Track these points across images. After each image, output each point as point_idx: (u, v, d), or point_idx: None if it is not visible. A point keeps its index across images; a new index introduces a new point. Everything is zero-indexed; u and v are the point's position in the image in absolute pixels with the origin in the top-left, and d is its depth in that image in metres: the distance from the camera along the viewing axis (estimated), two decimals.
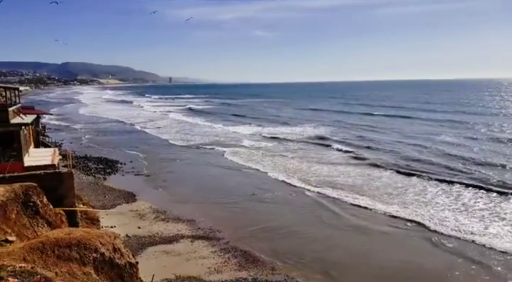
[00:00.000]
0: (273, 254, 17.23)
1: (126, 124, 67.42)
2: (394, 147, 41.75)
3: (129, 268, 11.26)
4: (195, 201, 24.77)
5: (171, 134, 54.02)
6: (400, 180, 28.83)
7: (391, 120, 66.76)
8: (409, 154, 37.78)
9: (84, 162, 34.99)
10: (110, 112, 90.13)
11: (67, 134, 53.95)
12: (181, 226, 20.47)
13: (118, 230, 18.59)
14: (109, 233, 12.13)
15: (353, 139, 47.48)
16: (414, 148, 40.72)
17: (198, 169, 33.77)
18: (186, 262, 16.47)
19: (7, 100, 20.87)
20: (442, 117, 69.00)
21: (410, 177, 29.42)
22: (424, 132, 51.50)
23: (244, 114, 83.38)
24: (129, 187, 27.38)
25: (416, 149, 40.30)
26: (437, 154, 37.21)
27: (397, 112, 79.00)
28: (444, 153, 37.60)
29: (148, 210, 22.86)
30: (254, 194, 26.21)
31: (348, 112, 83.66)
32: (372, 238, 18.98)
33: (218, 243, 18.32)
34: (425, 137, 47.68)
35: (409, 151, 39.31)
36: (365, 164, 34.36)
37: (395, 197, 24.76)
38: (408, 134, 50.46)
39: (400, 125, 59.90)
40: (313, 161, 35.99)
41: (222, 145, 44.42)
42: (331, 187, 27.00)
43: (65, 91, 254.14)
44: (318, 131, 55.24)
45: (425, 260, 16.67)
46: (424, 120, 64.90)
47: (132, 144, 46.08)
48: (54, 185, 16.61)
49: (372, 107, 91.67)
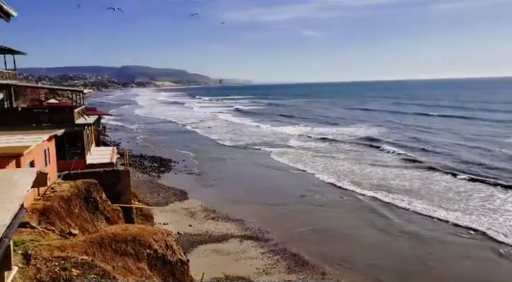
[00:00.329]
0: (323, 258, 16.82)
1: (178, 125, 69.82)
2: (453, 149, 39.19)
3: (180, 266, 11.53)
4: (244, 200, 24.93)
5: (219, 135, 55.04)
6: (462, 185, 26.92)
7: (449, 121, 62.77)
8: (470, 157, 35.18)
9: (140, 161, 36.70)
10: (163, 113, 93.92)
11: (124, 134, 56.99)
12: (231, 225, 20.69)
13: (170, 227, 19.22)
14: (162, 230, 12.54)
15: (408, 140, 45.26)
16: (476, 151, 37.92)
17: (246, 169, 34.05)
18: (235, 262, 16.58)
19: (73, 102, 22.45)
20: (506, 117, 63.60)
21: (474, 182, 27.34)
22: (487, 134, 47.76)
23: (291, 114, 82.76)
24: (181, 185, 28.24)
25: (478, 152, 37.46)
26: (503, 159, 34.24)
27: (454, 112, 74.19)
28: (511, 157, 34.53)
29: (199, 208, 23.39)
30: (304, 195, 25.83)
31: (402, 112, 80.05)
32: (431, 247, 17.84)
33: (267, 244, 18.25)
34: (488, 139, 44.20)
35: (470, 154, 36.65)
36: (422, 166, 32.51)
37: (457, 203, 23.12)
38: (468, 136, 47.04)
39: (459, 126, 56.12)
40: (366, 163, 34.75)
41: (270, 146, 44.45)
42: (385, 191, 25.85)
43: (123, 93, 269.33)
44: (371, 132, 53.33)
45: (491, 274, 15.35)
46: (486, 121, 60.25)
47: (184, 143, 47.51)
48: (112, 182, 17.57)
49: (428, 107, 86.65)
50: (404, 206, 22.96)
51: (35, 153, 13.07)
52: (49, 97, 49.99)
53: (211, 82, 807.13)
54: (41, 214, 11.49)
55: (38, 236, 9.66)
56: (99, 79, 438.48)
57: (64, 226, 11.62)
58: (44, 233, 10.07)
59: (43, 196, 13.02)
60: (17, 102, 23.38)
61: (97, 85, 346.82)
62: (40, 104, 25.02)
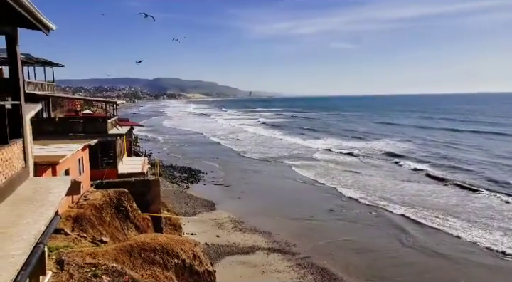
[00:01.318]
0: (350, 273, 16.39)
1: (205, 137, 70.47)
2: (486, 167, 37.31)
3: (207, 276, 11.53)
4: (272, 213, 24.74)
5: (245, 147, 55.20)
6: (496, 204, 25.56)
7: (480, 137, 59.67)
8: (500, 175, 33.48)
9: (170, 171, 37.36)
10: (191, 125, 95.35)
11: (154, 145, 58.34)
12: (258, 237, 20.55)
13: (198, 237, 19.32)
14: (189, 240, 12.62)
15: (438, 157, 43.44)
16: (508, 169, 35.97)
17: (274, 181, 33.85)
18: (261, 274, 16.40)
19: (106, 113, 23.29)
20: None
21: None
22: None
23: (315, 128, 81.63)
24: (209, 196, 28.44)
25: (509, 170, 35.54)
26: None
27: (486, 127, 70.66)
28: None
29: (227, 219, 23.42)
30: (332, 210, 25.34)
31: (431, 127, 76.80)
32: (468, 271, 16.95)
33: (294, 258, 17.98)
34: None
35: (501, 172, 34.85)
36: (453, 184, 31.12)
37: (496, 222, 21.92)
38: (503, 154, 44.19)
39: (491, 143, 53.14)
40: (395, 178, 33.81)
41: (296, 159, 44.05)
42: (417, 207, 24.97)
43: (154, 104, 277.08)
44: (396, 146, 51.97)
45: None
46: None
47: (211, 155, 48.02)
48: (143, 192, 17.96)
49: (458, 122, 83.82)
50: (436, 226, 21.91)
51: (70, 162, 13.59)
52: (84, 107, 52.15)
53: (241, 94, 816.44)
54: (74, 221, 11.87)
55: (71, 242, 9.96)
56: (132, 90, 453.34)
57: (96, 234, 11.94)
58: (77, 240, 10.38)
59: (77, 203, 13.48)
60: (54, 112, 24.53)
61: (130, 96, 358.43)
62: (76, 114, 26.07)
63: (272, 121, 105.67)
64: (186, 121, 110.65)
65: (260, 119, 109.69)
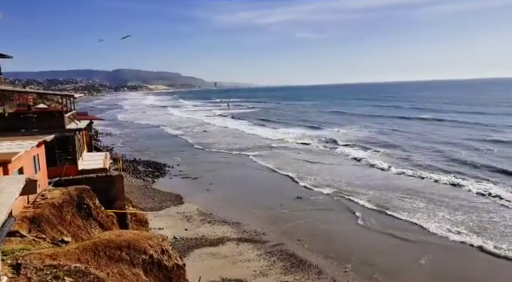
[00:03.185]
0: (319, 258, 16.77)
1: (165, 130, 68.69)
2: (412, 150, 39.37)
3: (176, 270, 11.33)
4: (241, 204, 24.78)
5: (207, 139, 54.75)
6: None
7: (423, 124, 62.13)
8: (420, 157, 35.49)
9: (134, 166, 36.33)
10: (148, 118, 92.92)
11: (115, 139, 56.50)
12: (227, 228, 20.52)
13: (166, 232, 19.02)
14: (157, 235, 12.33)
15: (386, 145, 44.98)
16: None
17: (239, 173, 33.82)
18: (232, 264, 16.42)
19: (63, 107, 22.12)
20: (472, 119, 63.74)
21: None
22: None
23: (273, 119, 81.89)
24: (177, 190, 27.99)
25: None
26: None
27: (429, 114, 73.77)
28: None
29: (195, 212, 23.18)
30: (299, 197, 25.76)
31: (381, 115, 78.41)
32: (424, 248, 17.86)
33: (264, 246, 18.13)
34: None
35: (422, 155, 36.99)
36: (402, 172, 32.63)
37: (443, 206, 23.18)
38: (440, 138, 46.12)
39: (430, 129, 55.69)
40: (348, 166, 34.85)
41: (257, 150, 44.11)
42: (376, 193, 25.87)
43: (113, 97, 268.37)
44: (348, 135, 53.84)
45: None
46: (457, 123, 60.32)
47: (175, 148, 47.31)
48: (106, 188, 17.30)
49: (406, 109, 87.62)
50: (390, 212, 22.83)
51: (24, 160, 12.79)
52: (38, 102, 49.33)
53: (206, 85, 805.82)
54: (31, 222, 11.22)
55: (29, 244, 9.41)
56: (90, 83, 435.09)
57: (56, 234, 11.37)
58: (35, 242, 9.82)
59: (33, 203, 12.75)
60: (3, 107, 22.97)
61: (88, 89, 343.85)
62: (29, 109, 24.55)
63: (231, 112, 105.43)
64: (144, 114, 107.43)
65: (221, 112, 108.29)
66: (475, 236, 18.12)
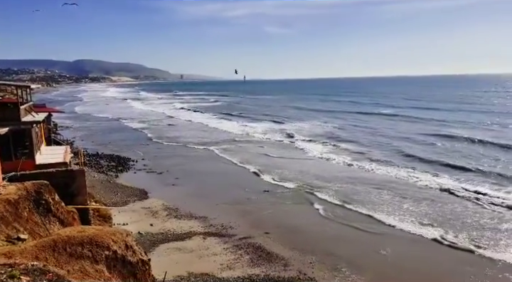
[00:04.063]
0: (285, 250, 17.05)
1: (127, 123, 66.80)
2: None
3: (141, 266, 11.14)
4: (207, 198, 24.66)
5: (171, 133, 53.92)
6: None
7: (379, 119, 64.01)
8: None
9: (96, 160, 35.16)
10: (109, 111, 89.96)
11: (75, 133, 54.34)
12: (194, 223, 20.37)
13: (130, 227, 18.61)
14: (121, 230, 12.04)
15: (348, 140, 46.80)
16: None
17: (205, 167, 33.58)
18: (199, 259, 16.35)
19: (18, 98, 20.95)
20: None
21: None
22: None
23: (235, 113, 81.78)
24: (141, 184, 27.40)
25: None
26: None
27: (386, 110, 76.24)
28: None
29: (161, 207, 22.82)
30: (266, 190, 26.01)
31: (342, 111, 79.78)
32: (385, 239, 18.61)
33: (231, 240, 18.18)
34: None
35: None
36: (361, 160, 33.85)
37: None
38: (398, 134, 47.60)
39: (385, 124, 57.81)
40: (308, 159, 35.63)
41: (221, 144, 43.93)
42: (341, 188, 26.57)
43: (73, 89, 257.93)
44: (307, 130, 54.95)
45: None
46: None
47: (138, 142, 46.29)
48: (66, 183, 16.63)
49: (366, 105, 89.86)
50: (353, 207, 23.29)
51: None
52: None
53: (172, 77, 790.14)
54: None
55: None
56: (48, 73, 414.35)
57: (11, 232, 10.81)
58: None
59: None
60: None
61: (47, 80, 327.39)
62: None
63: (194, 105, 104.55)
64: (104, 107, 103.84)
65: (184, 105, 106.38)
66: (434, 227, 19.02)
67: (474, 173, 28.03)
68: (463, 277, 14.53)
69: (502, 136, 42.71)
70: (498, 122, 54.35)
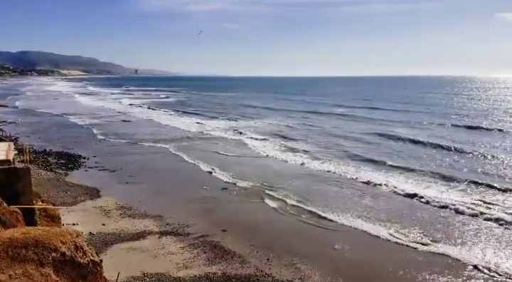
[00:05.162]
0: (243, 247, 17.11)
1: (75, 119, 63.66)
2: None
3: (92, 267, 10.66)
4: (163, 196, 24.17)
5: (122, 129, 52.39)
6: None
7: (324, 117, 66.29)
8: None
9: (44, 157, 33.22)
10: (55, 106, 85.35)
11: (19, 128, 50.90)
12: (148, 222, 19.86)
13: (81, 227, 17.82)
14: (70, 231, 11.45)
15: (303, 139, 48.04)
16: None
17: (159, 164, 32.93)
18: (154, 258, 15.98)
19: None
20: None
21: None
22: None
23: (188, 110, 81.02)
24: (93, 183, 26.28)
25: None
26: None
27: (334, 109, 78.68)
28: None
29: (114, 206, 22.02)
30: (224, 188, 25.94)
31: (290, 109, 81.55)
32: (339, 235, 19.26)
33: (187, 239, 17.93)
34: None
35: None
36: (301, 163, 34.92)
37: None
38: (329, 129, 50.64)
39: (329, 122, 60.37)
40: (261, 157, 36.18)
41: (174, 141, 43.12)
42: (294, 187, 27.08)
43: (16, 82, 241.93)
44: (260, 128, 55.79)
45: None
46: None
47: (87, 138, 44.57)
48: (9, 182, 15.52)
49: (315, 104, 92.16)
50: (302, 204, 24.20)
51: None
52: None
53: (126, 72, 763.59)
54: None
55: None
56: None
57: None
58: None
59: None
60: None
61: None
62: None
63: (146, 102, 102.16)
64: (52, 102, 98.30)
65: (135, 101, 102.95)
66: (383, 223, 19.90)
67: (416, 172, 29.22)
68: (411, 270, 15.36)
69: (437, 135, 45.66)
70: (435, 121, 58.06)
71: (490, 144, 39.94)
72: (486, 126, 53.06)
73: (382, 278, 14.87)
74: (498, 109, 79.95)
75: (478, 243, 17.44)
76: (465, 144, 39.59)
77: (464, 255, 16.19)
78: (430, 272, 14.99)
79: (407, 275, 14.84)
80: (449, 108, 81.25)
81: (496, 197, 23.33)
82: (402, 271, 15.10)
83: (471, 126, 53.52)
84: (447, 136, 45.14)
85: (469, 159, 33.68)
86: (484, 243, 17.36)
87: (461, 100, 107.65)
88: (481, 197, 23.16)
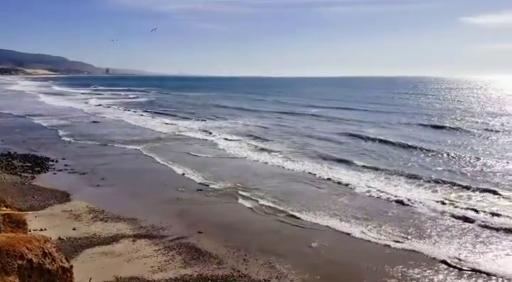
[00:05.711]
0: (219, 248, 16.93)
1: (38, 120, 61.00)
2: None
3: (61, 274, 10.26)
4: (136, 199, 23.59)
5: (91, 130, 51.14)
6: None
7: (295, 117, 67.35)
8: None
9: (8, 160, 31.66)
10: (20, 106, 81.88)
11: None
12: (122, 225, 19.32)
13: (49, 233, 17.08)
14: (38, 237, 10.96)
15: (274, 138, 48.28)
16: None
17: (133, 167, 32.11)
18: (127, 262, 15.54)
19: None
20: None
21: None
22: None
23: (158, 110, 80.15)
24: (62, 186, 25.31)
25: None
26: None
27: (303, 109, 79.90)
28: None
29: (85, 210, 21.28)
30: (200, 189, 25.64)
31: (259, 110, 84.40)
32: (314, 233, 19.44)
33: (162, 241, 17.57)
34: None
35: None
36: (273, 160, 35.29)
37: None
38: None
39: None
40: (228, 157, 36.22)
41: (143, 143, 42.18)
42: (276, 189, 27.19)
43: None
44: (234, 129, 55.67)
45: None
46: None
47: (59, 141, 42.95)
48: None
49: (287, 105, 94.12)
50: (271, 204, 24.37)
51: None
52: None
53: (97, 71, 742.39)
54: None
55: None
56: None
57: None
58: None
59: None
60: None
61: None
62: None
63: (116, 102, 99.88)
64: (13, 102, 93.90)
65: (104, 102, 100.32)
66: (357, 223, 20.20)
67: (386, 172, 29.57)
68: (384, 267, 15.70)
69: (405, 134, 47.03)
70: (403, 121, 59.91)
71: (454, 143, 41.51)
72: (450, 125, 55.20)
73: (357, 274, 15.10)
74: (460, 109, 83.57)
75: (446, 239, 18.03)
76: (431, 144, 40.97)
77: (434, 251, 16.73)
78: (403, 267, 15.38)
79: (382, 272, 15.15)
80: (417, 108, 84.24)
81: (460, 194, 24.24)
82: (376, 268, 15.40)
83: (437, 125, 55.53)
84: (415, 136, 46.51)
85: (435, 157, 34.77)
86: (452, 239, 17.98)
87: (427, 100, 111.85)
88: (446, 195, 24.02)
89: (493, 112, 75.38)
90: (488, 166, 31.36)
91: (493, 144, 41.48)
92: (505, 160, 32.96)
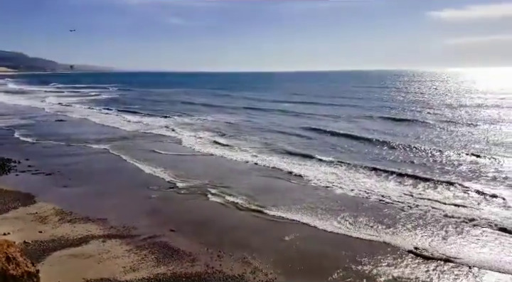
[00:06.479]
0: (193, 246, 16.84)
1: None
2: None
3: (27, 279, 9.96)
4: (106, 198, 23.00)
5: (55, 129, 49.57)
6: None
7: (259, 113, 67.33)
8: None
9: None
10: None
11: None
12: (91, 226, 18.80)
13: (13, 237, 16.39)
14: (0, 241, 10.54)
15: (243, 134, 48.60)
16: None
17: (101, 166, 31.17)
18: (98, 264, 15.17)
19: None
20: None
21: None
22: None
23: (122, 107, 78.30)
24: (26, 188, 24.28)
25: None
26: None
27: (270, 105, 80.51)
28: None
29: (51, 212, 20.52)
30: (171, 187, 25.34)
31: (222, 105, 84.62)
32: (286, 227, 19.78)
33: (133, 241, 17.26)
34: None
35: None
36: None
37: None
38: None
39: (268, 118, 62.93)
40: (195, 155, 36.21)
41: (109, 141, 41.10)
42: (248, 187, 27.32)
43: None
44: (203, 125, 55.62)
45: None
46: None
47: (20, 141, 41.07)
48: None
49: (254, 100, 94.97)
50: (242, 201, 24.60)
51: None
52: None
53: (60, 68, 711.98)
54: None
55: None
56: None
57: None
58: None
59: None
60: None
61: None
62: None
63: (77, 100, 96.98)
64: None
65: (65, 100, 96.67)
66: (328, 216, 20.61)
67: (354, 166, 30.00)
68: (356, 258, 16.19)
69: (369, 128, 48.27)
70: (364, 115, 61.13)
71: (415, 136, 43.06)
72: (411, 117, 57.24)
73: (330, 266, 15.45)
74: (421, 101, 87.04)
75: (414, 230, 18.79)
76: (394, 136, 42.25)
77: (402, 242, 17.41)
78: (373, 257, 15.89)
79: (353, 262, 15.61)
80: (379, 101, 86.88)
81: (424, 186, 25.17)
82: (348, 259, 15.85)
83: (397, 118, 57.22)
84: (379, 129, 47.78)
85: (397, 150, 35.87)
86: (419, 230, 18.75)
87: (389, 93, 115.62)
88: (412, 188, 24.96)
89: (451, 104, 79.06)
90: (449, 158, 32.83)
91: (452, 135, 43.42)
92: (464, 151, 34.61)
